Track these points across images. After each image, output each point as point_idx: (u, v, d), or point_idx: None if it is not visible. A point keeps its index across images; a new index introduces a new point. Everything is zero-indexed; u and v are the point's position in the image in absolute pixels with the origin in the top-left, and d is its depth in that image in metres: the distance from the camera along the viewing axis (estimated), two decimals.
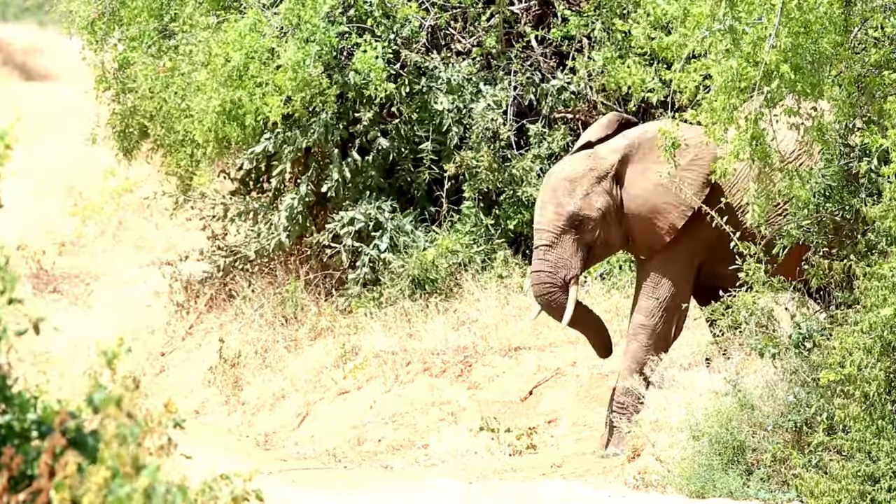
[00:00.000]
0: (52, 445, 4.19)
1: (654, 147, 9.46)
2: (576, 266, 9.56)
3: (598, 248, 9.68)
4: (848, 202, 8.89)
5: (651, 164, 9.55)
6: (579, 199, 9.53)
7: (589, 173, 9.57)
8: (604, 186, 9.57)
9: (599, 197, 9.55)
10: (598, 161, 9.60)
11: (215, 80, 11.91)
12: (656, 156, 9.49)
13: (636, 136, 9.68)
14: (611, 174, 9.58)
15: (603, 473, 9.72)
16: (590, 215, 9.53)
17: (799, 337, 8.88)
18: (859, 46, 8.54)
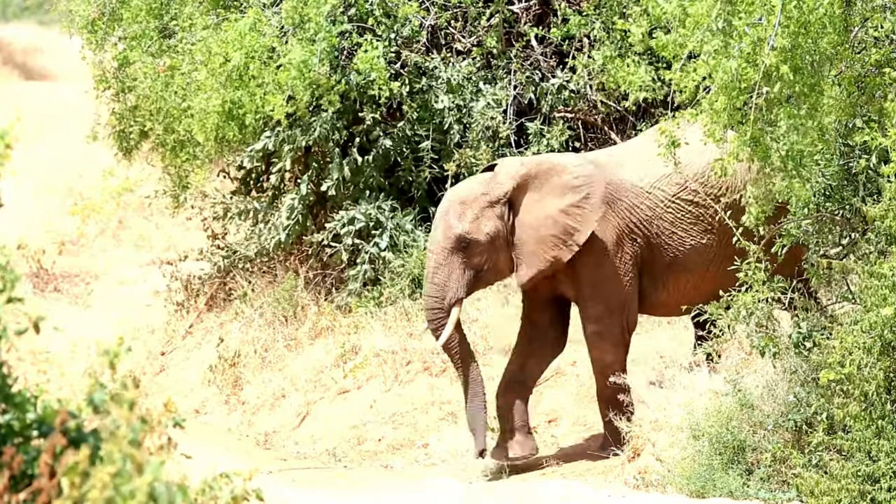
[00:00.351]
0: (52, 445, 4.19)
1: (552, 177, 9.46)
2: (461, 289, 9.53)
3: (487, 273, 9.64)
4: (848, 201, 8.89)
5: (546, 195, 9.51)
6: (468, 222, 9.48)
7: (482, 197, 9.51)
8: (495, 211, 9.51)
9: (490, 221, 9.50)
10: (494, 186, 9.55)
11: (215, 79, 11.91)
12: (553, 186, 9.45)
13: (535, 164, 9.64)
14: (503, 200, 9.53)
15: (603, 473, 9.72)
16: (478, 239, 9.48)
17: (799, 336, 8.89)
18: (859, 46, 8.54)
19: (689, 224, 9.63)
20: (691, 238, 9.64)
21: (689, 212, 9.63)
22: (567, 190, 9.48)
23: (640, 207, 9.59)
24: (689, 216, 9.63)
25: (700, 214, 9.64)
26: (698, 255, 9.63)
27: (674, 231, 9.61)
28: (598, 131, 13.13)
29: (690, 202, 9.64)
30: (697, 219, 9.63)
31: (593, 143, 13.13)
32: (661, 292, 9.73)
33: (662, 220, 9.60)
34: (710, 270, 9.68)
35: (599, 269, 9.52)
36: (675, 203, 9.64)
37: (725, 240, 9.58)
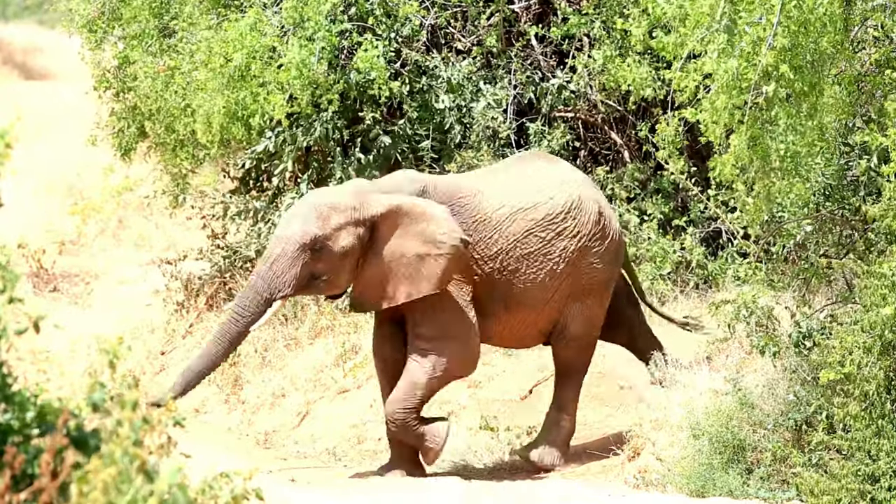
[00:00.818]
0: (53, 444, 4.19)
1: (420, 223, 9.32)
2: (291, 287, 9.31)
3: (323, 284, 9.41)
4: (848, 201, 8.90)
5: (409, 237, 9.35)
6: (330, 228, 9.28)
7: (351, 211, 9.33)
8: (358, 231, 9.34)
9: (349, 237, 9.31)
10: (365, 205, 9.36)
11: (217, 80, 11.91)
12: (418, 230, 9.31)
13: (408, 203, 9.42)
14: (369, 223, 9.37)
15: (603, 473, 9.72)
16: (332, 248, 9.28)
17: (799, 336, 8.89)
18: (859, 46, 8.54)
19: (535, 262, 9.51)
20: (535, 274, 9.52)
21: (539, 248, 9.52)
22: (431, 240, 9.30)
23: (492, 239, 9.47)
24: (538, 252, 9.52)
25: (549, 251, 9.53)
26: (539, 292, 9.53)
27: (519, 266, 9.49)
28: (598, 131, 13.13)
29: (542, 238, 9.53)
30: (545, 256, 9.52)
31: (593, 143, 13.14)
32: (494, 324, 9.56)
33: (510, 254, 9.46)
34: (546, 308, 9.60)
35: (441, 295, 9.37)
36: (526, 238, 9.51)
37: (569, 279, 9.56)
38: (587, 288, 9.68)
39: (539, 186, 9.65)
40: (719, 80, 8.04)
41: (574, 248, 9.57)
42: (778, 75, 7.95)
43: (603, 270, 9.71)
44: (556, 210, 9.58)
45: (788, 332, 9.01)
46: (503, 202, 9.55)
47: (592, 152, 13.16)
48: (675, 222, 12.53)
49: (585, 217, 9.63)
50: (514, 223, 9.52)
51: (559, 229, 9.57)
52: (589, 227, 9.63)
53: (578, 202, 9.64)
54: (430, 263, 9.30)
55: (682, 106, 8.80)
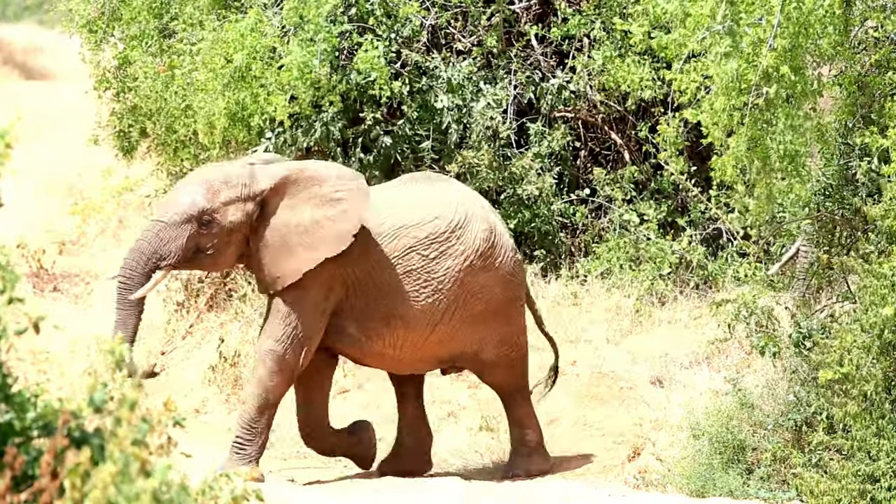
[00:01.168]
0: (53, 445, 4.19)
1: (311, 186, 9.25)
2: (175, 259, 9.20)
3: (205, 259, 9.30)
4: (848, 201, 8.90)
5: (301, 203, 9.29)
6: (219, 202, 9.19)
7: (241, 187, 9.25)
8: (247, 206, 9.25)
9: (238, 212, 9.22)
10: (254, 180, 9.29)
11: (218, 80, 11.92)
12: (310, 196, 9.26)
13: (296, 169, 9.38)
14: (259, 197, 9.28)
15: (603, 473, 9.72)
16: (219, 222, 9.19)
17: (799, 336, 8.89)
18: (859, 46, 8.55)
19: (417, 280, 9.40)
20: (417, 295, 9.40)
21: (422, 268, 9.42)
22: (325, 202, 9.28)
23: (374, 252, 9.39)
24: (421, 272, 9.41)
25: (432, 270, 9.41)
26: (422, 314, 9.40)
27: (401, 283, 9.38)
28: (598, 131, 13.13)
29: (424, 257, 9.43)
30: (429, 275, 9.41)
31: (593, 144, 13.14)
32: (376, 343, 9.43)
33: (391, 270, 9.37)
34: (436, 331, 9.47)
35: (304, 293, 9.25)
36: (408, 255, 9.42)
37: (460, 302, 9.46)
38: (488, 311, 9.53)
39: (426, 205, 9.53)
40: (719, 81, 8.04)
41: (460, 269, 9.43)
42: (778, 76, 7.96)
43: (500, 292, 9.55)
44: (441, 229, 9.46)
45: (788, 332, 9.02)
46: (387, 217, 9.44)
47: (592, 152, 13.16)
48: (676, 220, 12.53)
49: (472, 237, 9.48)
50: (398, 239, 9.40)
51: (443, 249, 9.44)
52: (476, 248, 9.48)
53: (465, 222, 9.50)
54: (328, 225, 9.22)
55: (683, 107, 8.81)
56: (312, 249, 9.20)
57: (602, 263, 12.23)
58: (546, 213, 12.56)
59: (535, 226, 12.56)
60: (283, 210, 9.31)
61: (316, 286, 9.28)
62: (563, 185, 12.86)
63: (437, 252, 9.43)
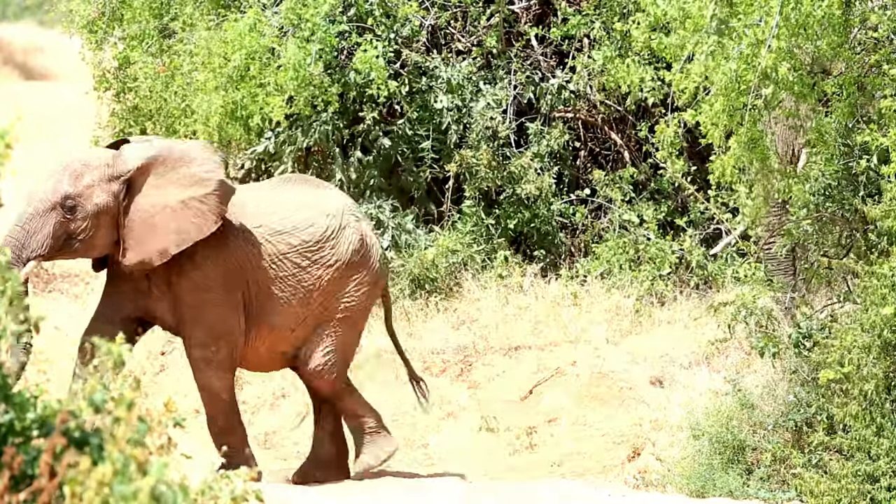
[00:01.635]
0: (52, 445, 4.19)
1: (180, 167, 9.14)
2: (45, 247, 9.05)
3: (79, 244, 9.14)
4: (848, 202, 8.90)
5: (168, 184, 9.16)
6: (82, 186, 9.05)
7: (104, 168, 9.11)
8: (112, 187, 9.10)
9: (103, 194, 9.07)
10: (119, 161, 9.15)
11: (216, 80, 11.92)
12: (178, 176, 9.13)
13: (163, 149, 9.24)
14: (125, 178, 9.13)
15: (603, 473, 9.72)
16: (84, 206, 9.04)
17: (799, 336, 8.89)
18: (859, 47, 8.55)
19: (288, 286, 9.35)
20: (287, 300, 9.35)
21: (293, 273, 9.36)
22: (193, 182, 9.15)
23: (251, 253, 9.31)
24: (291, 279, 9.36)
25: (303, 278, 9.36)
26: (288, 319, 9.36)
27: (271, 289, 9.34)
28: (598, 131, 13.13)
29: (297, 265, 9.36)
30: (299, 282, 9.36)
31: (593, 144, 13.14)
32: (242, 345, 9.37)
33: (265, 273, 9.30)
34: (295, 332, 9.43)
35: (204, 293, 9.17)
36: (281, 261, 9.35)
37: (321, 308, 9.42)
38: (342, 317, 9.50)
39: (302, 211, 9.47)
40: (718, 82, 8.04)
41: (329, 278, 9.40)
42: (777, 77, 7.95)
43: (359, 299, 9.52)
44: (315, 238, 9.41)
45: (788, 332, 9.02)
46: (263, 221, 9.37)
47: (592, 152, 13.16)
48: (675, 220, 12.53)
49: (345, 248, 9.44)
50: (271, 244, 9.34)
51: (315, 257, 9.40)
52: (348, 259, 9.44)
53: (339, 231, 9.46)
54: (197, 206, 9.11)
55: (682, 108, 8.81)
56: (180, 231, 9.08)
57: (602, 264, 12.23)
58: (546, 214, 12.56)
59: (534, 226, 12.56)
60: (150, 190, 9.16)
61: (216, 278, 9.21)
62: (563, 185, 12.87)
63: (309, 261, 9.38)
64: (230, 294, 9.24)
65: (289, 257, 9.36)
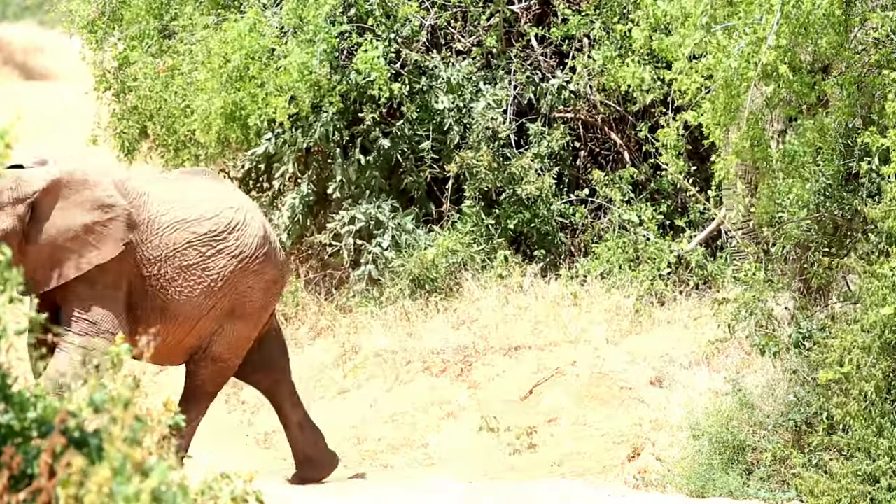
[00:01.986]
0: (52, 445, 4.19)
1: (83, 190, 9.08)
2: None
3: None
4: (848, 202, 8.90)
5: (73, 207, 9.10)
6: None
7: (8, 191, 9.00)
8: (17, 210, 9.00)
9: (8, 218, 8.96)
10: (23, 183, 9.04)
11: (216, 80, 11.92)
12: (83, 199, 9.08)
13: (68, 171, 9.16)
14: (30, 200, 9.03)
15: (603, 473, 9.72)
16: None
17: (799, 336, 8.89)
18: (859, 47, 8.55)
19: (192, 276, 9.34)
20: (191, 290, 9.33)
21: (198, 264, 9.35)
22: (96, 206, 9.10)
23: (153, 244, 9.27)
24: (196, 268, 9.35)
25: (208, 267, 9.35)
26: (194, 309, 9.35)
27: (177, 278, 9.31)
28: (598, 131, 13.13)
29: (201, 255, 9.36)
30: (204, 272, 9.35)
31: (593, 144, 13.14)
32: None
33: (168, 262, 9.27)
34: (198, 326, 9.42)
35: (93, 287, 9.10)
36: (186, 251, 9.33)
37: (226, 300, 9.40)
38: (241, 311, 9.50)
39: (206, 202, 9.47)
40: (718, 80, 8.04)
41: (234, 268, 9.39)
42: (777, 76, 7.96)
43: (261, 295, 9.53)
44: (220, 227, 9.40)
45: (788, 332, 9.02)
46: (168, 210, 9.35)
47: (592, 153, 13.16)
48: (675, 220, 12.53)
49: (249, 238, 9.45)
50: (177, 233, 9.32)
51: (220, 246, 9.39)
52: (252, 249, 9.45)
53: (243, 222, 9.47)
54: (100, 231, 9.07)
55: (683, 108, 8.80)
56: (82, 255, 9.04)
57: (602, 264, 12.23)
58: (546, 214, 12.56)
59: (534, 226, 12.57)
60: (56, 213, 9.10)
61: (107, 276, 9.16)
62: (563, 185, 12.86)
63: (214, 250, 9.37)
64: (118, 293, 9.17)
65: (194, 246, 9.34)
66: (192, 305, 9.35)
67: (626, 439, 10.09)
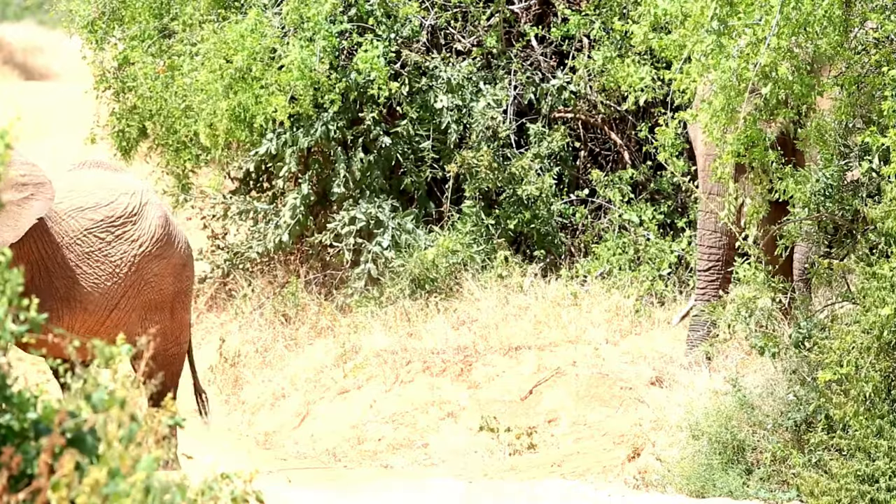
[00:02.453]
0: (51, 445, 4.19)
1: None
2: None
3: None
4: (848, 202, 8.89)
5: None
6: None
7: None
8: None
9: None
10: None
11: (219, 82, 11.91)
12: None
13: None
14: None
15: (603, 473, 9.72)
16: None
17: (799, 336, 8.88)
18: (859, 47, 8.54)
19: (95, 263, 9.29)
20: (96, 278, 9.28)
21: (99, 249, 9.30)
22: (10, 186, 8.98)
23: (53, 232, 9.21)
24: (98, 255, 9.30)
25: (109, 254, 9.31)
26: (101, 297, 9.29)
27: (80, 265, 9.24)
28: (598, 132, 13.13)
29: (102, 240, 9.31)
30: (107, 258, 9.30)
31: (593, 144, 13.14)
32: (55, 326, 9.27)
33: (70, 250, 9.21)
34: (111, 317, 9.37)
35: None
36: (86, 238, 9.28)
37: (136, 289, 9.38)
38: (157, 301, 9.50)
39: (103, 189, 9.43)
40: (717, 80, 8.04)
41: (136, 254, 9.37)
42: (776, 77, 7.95)
43: (171, 283, 9.53)
44: (118, 213, 9.37)
45: (788, 332, 9.01)
46: (64, 197, 9.30)
47: (592, 153, 13.16)
48: (675, 221, 12.53)
49: (148, 224, 9.43)
50: (75, 220, 9.28)
51: (119, 233, 9.36)
52: (153, 235, 9.43)
53: (141, 209, 9.43)
54: (12, 210, 8.98)
55: (682, 108, 8.80)
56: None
57: (602, 264, 12.23)
58: (546, 214, 12.56)
59: (534, 226, 12.57)
60: None
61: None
62: (563, 185, 12.87)
63: (114, 236, 9.34)
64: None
65: (93, 233, 9.30)
66: (100, 293, 9.29)
67: (626, 439, 10.09)
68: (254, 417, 11.99)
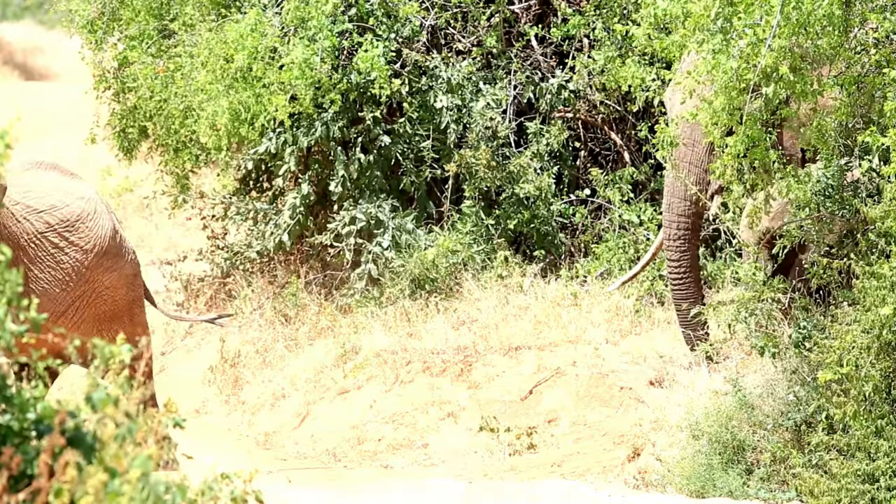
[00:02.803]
0: (51, 445, 4.19)
1: None
2: None
3: None
4: (848, 202, 8.89)
5: None
6: None
7: None
8: None
9: None
10: None
11: (220, 82, 11.91)
12: None
13: None
14: None
15: (603, 473, 9.72)
16: None
17: (799, 336, 8.88)
18: (859, 47, 8.54)
19: (47, 266, 9.19)
20: (47, 282, 9.18)
21: (51, 254, 9.21)
22: None
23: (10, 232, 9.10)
24: (50, 258, 9.21)
25: (61, 260, 9.22)
26: (51, 302, 9.19)
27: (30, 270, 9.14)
28: (597, 131, 13.13)
29: (55, 245, 9.22)
30: (58, 264, 9.20)
31: (593, 144, 13.14)
32: None
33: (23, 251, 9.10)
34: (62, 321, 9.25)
35: None
36: (38, 240, 9.18)
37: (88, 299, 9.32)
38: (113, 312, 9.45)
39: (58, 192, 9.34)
40: (718, 80, 8.04)
41: (87, 261, 9.30)
42: (777, 77, 7.95)
43: (125, 294, 9.48)
44: (72, 217, 9.29)
45: (788, 332, 9.01)
46: (18, 200, 9.20)
47: (592, 153, 13.16)
48: None
49: (100, 230, 9.36)
50: (27, 223, 9.19)
51: (72, 238, 9.27)
52: (104, 242, 9.35)
53: (94, 214, 9.36)
54: None
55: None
56: None
57: (602, 264, 12.23)
58: (546, 214, 12.56)
59: (534, 226, 12.57)
60: None
61: None
62: (563, 185, 12.87)
63: (67, 241, 9.25)
64: None
65: (47, 237, 9.21)
66: (49, 299, 9.19)
67: (626, 439, 10.09)
68: (254, 418, 11.99)
